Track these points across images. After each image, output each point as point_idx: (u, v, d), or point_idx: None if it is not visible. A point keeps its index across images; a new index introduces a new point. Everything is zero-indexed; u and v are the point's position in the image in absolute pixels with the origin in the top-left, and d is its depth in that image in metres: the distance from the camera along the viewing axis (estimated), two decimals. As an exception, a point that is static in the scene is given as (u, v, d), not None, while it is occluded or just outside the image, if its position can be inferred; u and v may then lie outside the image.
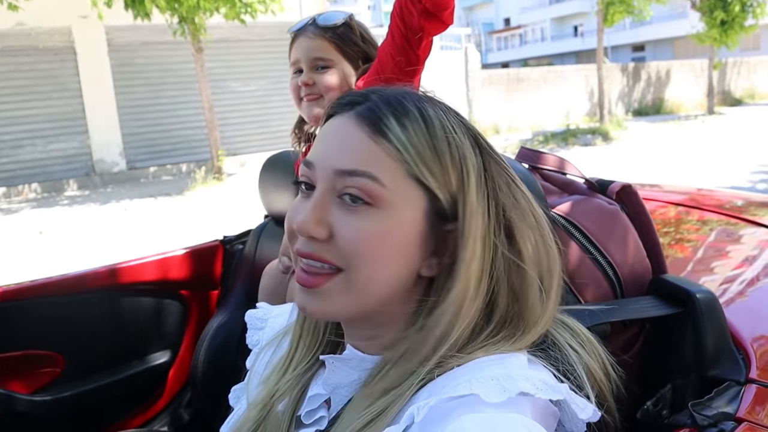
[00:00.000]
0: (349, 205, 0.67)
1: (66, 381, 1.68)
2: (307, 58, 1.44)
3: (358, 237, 0.66)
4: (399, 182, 0.67)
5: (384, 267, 0.67)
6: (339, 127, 0.71)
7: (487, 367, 0.64)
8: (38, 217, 8.96)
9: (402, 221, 0.67)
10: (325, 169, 0.69)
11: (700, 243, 1.48)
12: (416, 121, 0.69)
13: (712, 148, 11.55)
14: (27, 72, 11.69)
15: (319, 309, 0.69)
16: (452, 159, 0.69)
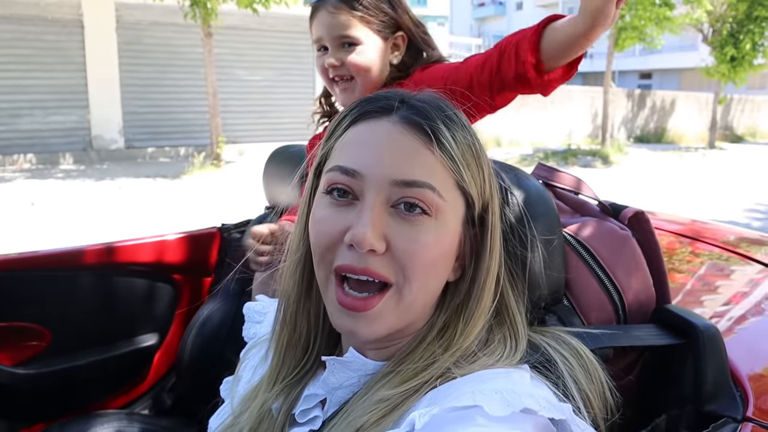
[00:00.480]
0: (405, 214, 0.66)
1: (50, 356, 1.66)
2: (331, 36, 1.28)
3: (417, 249, 0.65)
4: (450, 192, 0.68)
5: (434, 278, 0.68)
6: (386, 134, 0.68)
7: (490, 380, 0.64)
8: (31, 188, 8.90)
9: (451, 231, 0.68)
10: (379, 180, 0.66)
11: (693, 274, 1.48)
12: (463, 129, 0.70)
13: (711, 181, 11.60)
14: (32, 42, 11.62)
15: (370, 332, 0.67)
16: (487, 167, 0.72)
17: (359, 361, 0.73)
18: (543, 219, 0.84)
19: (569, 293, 0.91)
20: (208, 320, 1.74)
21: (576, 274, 0.91)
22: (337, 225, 0.67)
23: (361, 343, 0.72)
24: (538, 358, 0.71)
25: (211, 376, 1.11)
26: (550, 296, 0.86)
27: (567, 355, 0.72)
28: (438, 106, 0.71)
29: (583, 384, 0.70)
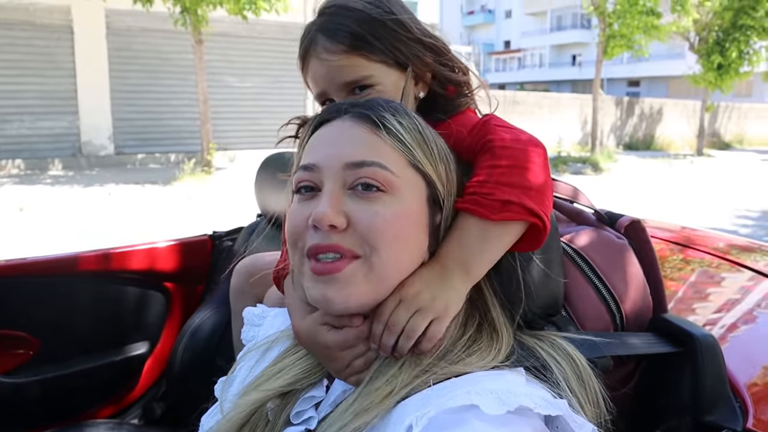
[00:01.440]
0: (363, 193, 0.71)
1: (38, 364, 1.64)
2: (335, 87, 0.95)
3: (377, 220, 0.70)
4: (403, 170, 0.73)
5: (401, 248, 0.71)
6: (338, 129, 0.76)
7: (485, 381, 0.66)
8: (20, 194, 8.82)
9: (411, 205, 0.73)
10: (333, 166, 0.73)
11: (684, 281, 1.48)
12: (408, 118, 0.77)
13: (699, 188, 11.68)
14: (21, 47, 11.55)
15: (340, 298, 0.70)
16: (439, 153, 0.77)
17: None
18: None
19: (566, 303, 0.90)
20: (200, 328, 1.72)
21: (573, 283, 0.90)
22: (303, 214, 0.73)
23: (343, 314, 0.74)
24: (533, 362, 0.72)
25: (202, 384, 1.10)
26: (549, 306, 0.85)
27: (561, 361, 0.73)
28: (384, 101, 0.79)
29: (575, 390, 0.71)
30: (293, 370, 0.79)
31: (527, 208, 0.74)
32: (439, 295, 0.72)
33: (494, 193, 0.75)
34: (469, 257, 0.75)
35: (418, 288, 0.72)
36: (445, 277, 0.74)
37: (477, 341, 0.74)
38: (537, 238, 0.78)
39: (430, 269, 0.74)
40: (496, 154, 0.79)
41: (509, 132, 0.83)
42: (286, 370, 0.79)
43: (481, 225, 0.75)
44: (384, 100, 0.80)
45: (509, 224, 0.76)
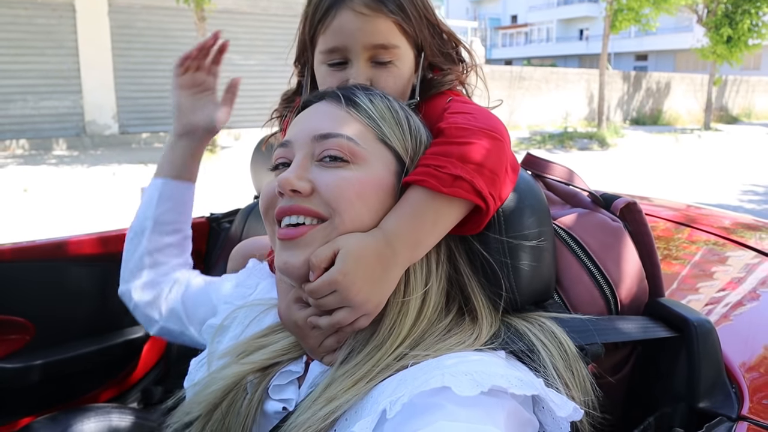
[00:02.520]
0: (329, 164, 0.74)
1: (35, 349, 1.63)
2: (362, 47, 0.89)
3: (341, 182, 0.72)
4: (371, 144, 0.76)
5: (364, 209, 0.73)
6: (313, 109, 0.81)
7: (462, 363, 0.66)
8: (24, 174, 8.83)
9: (377, 173, 0.75)
10: (302, 139, 0.76)
11: (688, 261, 1.46)
12: (380, 97, 0.81)
13: (706, 163, 11.60)
14: (23, 26, 11.48)
15: (299, 259, 0.71)
16: (410, 129, 0.80)
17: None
18: (531, 211, 0.81)
19: (559, 288, 0.88)
20: (197, 311, 1.72)
21: (566, 267, 0.88)
22: (272, 184, 0.76)
23: (297, 280, 0.74)
24: (519, 345, 0.72)
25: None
26: (540, 292, 0.83)
27: (547, 343, 0.73)
28: (363, 86, 0.84)
29: (562, 373, 0.71)
30: (276, 346, 0.81)
31: (476, 188, 0.73)
32: (374, 296, 0.71)
33: (446, 166, 0.74)
34: (416, 233, 0.73)
35: (359, 286, 0.70)
36: (389, 266, 0.72)
37: (457, 325, 0.74)
38: (478, 222, 0.77)
39: (378, 257, 0.71)
40: (451, 134, 0.78)
41: (464, 117, 0.81)
42: (270, 347, 0.81)
43: (430, 198, 0.73)
44: (363, 86, 0.84)
45: (456, 201, 0.74)
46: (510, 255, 0.79)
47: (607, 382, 0.82)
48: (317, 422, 0.65)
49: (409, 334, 0.72)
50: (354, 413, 0.66)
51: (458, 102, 0.89)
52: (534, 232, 0.80)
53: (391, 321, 0.73)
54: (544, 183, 1.05)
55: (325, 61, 0.93)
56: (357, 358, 0.71)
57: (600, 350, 0.77)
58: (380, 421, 0.61)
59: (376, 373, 0.68)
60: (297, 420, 0.68)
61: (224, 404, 0.77)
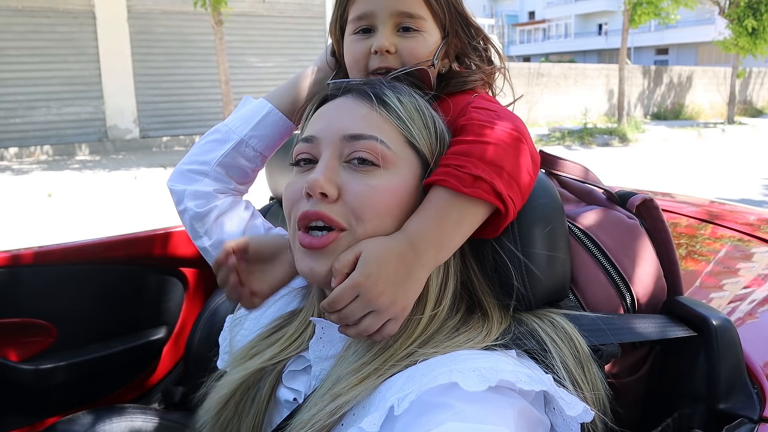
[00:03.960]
0: (358, 167, 0.72)
1: (59, 351, 1.66)
2: (389, 12, 0.92)
3: (368, 192, 0.71)
4: (400, 147, 0.75)
5: (389, 222, 0.72)
6: (340, 105, 0.78)
7: (471, 360, 0.65)
8: (48, 180, 8.96)
9: (404, 180, 0.74)
10: (330, 138, 0.74)
11: (711, 258, 1.44)
12: (409, 97, 0.79)
13: (730, 157, 11.42)
14: (45, 34, 11.65)
15: (324, 269, 0.71)
16: (435, 130, 0.79)
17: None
18: (544, 210, 0.80)
19: (574, 287, 0.87)
20: (216, 311, 1.73)
21: (581, 266, 0.87)
22: (299, 184, 0.75)
23: (323, 285, 0.76)
24: (530, 342, 0.72)
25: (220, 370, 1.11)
26: (555, 291, 0.82)
27: (558, 341, 0.72)
28: (390, 83, 0.81)
29: (573, 371, 0.70)
30: (285, 341, 0.83)
31: (496, 190, 0.72)
32: (400, 298, 0.69)
33: (466, 166, 0.73)
34: (439, 234, 0.72)
35: (382, 288, 0.68)
36: (413, 268, 0.70)
37: (466, 323, 0.74)
38: (497, 225, 0.75)
39: (400, 258, 0.70)
40: (473, 131, 0.78)
41: (486, 114, 0.81)
42: (280, 343, 0.83)
43: (452, 198, 0.73)
44: (388, 81, 0.82)
45: (478, 203, 0.73)
46: (523, 254, 0.78)
47: (625, 382, 0.81)
48: (324, 417, 0.66)
49: (422, 334, 0.72)
50: (362, 408, 0.66)
51: (482, 98, 0.90)
52: (547, 231, 0.79)
53: (405, 321, 0.72)
54: (558, 180, 1.03)
55: (353, 30, 0.96)
56: (366, 356, 0.70)
57: (616, 350, 0.76)
58: (388, 418, 0.61)
59: (385, 370, 0.68)
60: (304, 416, 0.68)
61: (237, 394, 0.79)
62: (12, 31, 11.38)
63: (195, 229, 1.13)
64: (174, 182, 1.14)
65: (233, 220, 1.13)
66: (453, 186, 0.72)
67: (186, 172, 1.13)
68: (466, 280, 0.78)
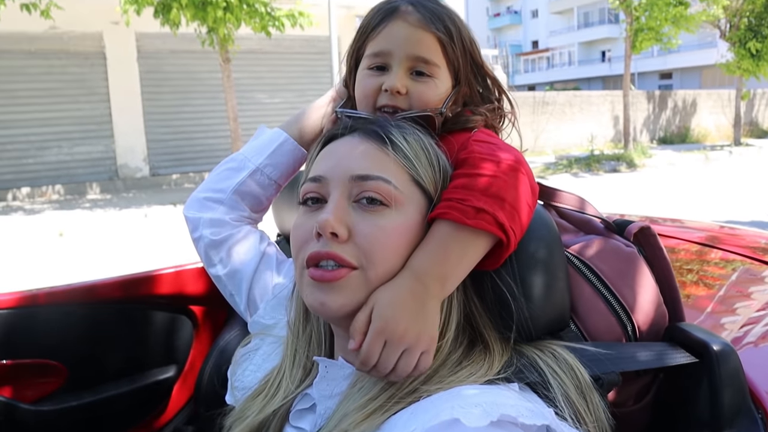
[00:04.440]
0: (367, 206, 0.74)
1: (68, 392, 1.66)
2: (406, 54, 0.94)
3: (378, 233, 0.72)
4: (406, 186, 0.76)
5: (398, 262, 0.73)
6: (346, 144, 0.79)
7: (473, 396, 0.66)
8: (59, 219, 9.04)
9: (411, 218, 0.75)
10: (339, 177, 0.76)
11: (721, 285, 1.43)
12: (414, 135, 0.81)
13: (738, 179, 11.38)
14: (57, 75, 11.89)
15: (338, 303, 0.72)
16: (439, 167, 0.80)
17: (348, 367, 0.77)
18: (542, 240, 0.82)
19: (575, 316, 0.88)
20: (225, 349, 1.73)
21: (581, 295, 0.88)
22: (308, 224, 0.75)
23: (335, 319, 0.77)
24: (532, 374, 0.72)
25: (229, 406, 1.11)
26: (555, 321, 0.83)
27: (560, 372, 0.73)
28: (394, 122, 0.83)
29: (575, 402, 0.71)
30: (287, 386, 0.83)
31: (498, 221, 0.74)
32: (423, 330, 0.71)
33: (468, 199, 0.75)
34: (443, 266, 0.74)
35: (404, 326, 0.70)
36: (425, 300, 0.72)
37: (468, 357, 0.74)
38: (499, 256, 0.77)
39: (412, 294, 0.72)
40: (473, 164, 0.80)
41: (487, 147, 0.83)
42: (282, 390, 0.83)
43: (455, 231, 0.74)
44: (393, 120, 0.84)
45: (481, 234, 0.75)
46: (522, 285, 0.79)
47: (630, 410, 0.81)
48: None
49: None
50: None
51: (482, 132, 0.93)
52: (546, 261, 0.81)
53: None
54: (556, 211, 1.05)
55: (368, 66, 0.99)
56: (371, 393, 0.71)
57: (617, 379, 0.77)
58: None
59: (389, 407, 0.68)
60: None
61: None
62: (25, 73, 11.62)
63: (210, 257, 1.16)
64: (189, 210, 1.18)
65: (248, 249, 1.15)
66: (456, 218, 0.74)
67: (202, 200, 1.17)
68: (468, 313, 0.79)
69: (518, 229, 0.77)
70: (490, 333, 0.78)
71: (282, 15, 9.72)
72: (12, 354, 1.59)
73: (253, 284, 1.15)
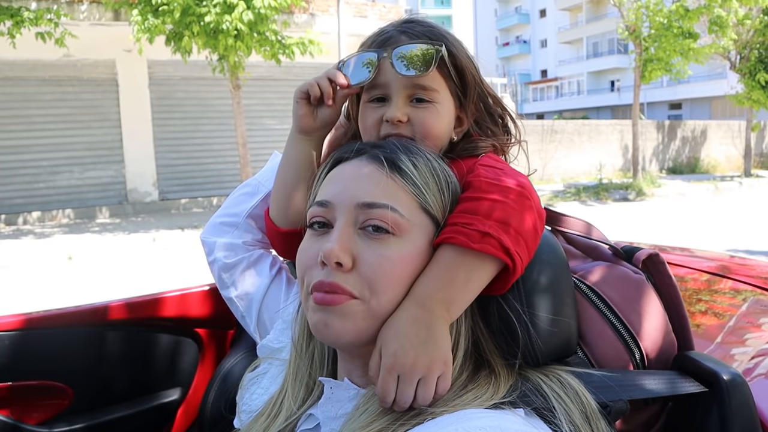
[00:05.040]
0: (372, 234, 0.73)
1: (73, 414, 1.66)
2: (402, 84, 0.95)
3: (383, 263, 0.72)
4: (414, 213, 0.75)
5: (401, 291, 0.73)
6: (354, 169, 0.78)
7: (478, 419, 0.65)
8: (69, 243, 9.09)
9: (417, 246, 0.74)
10: (345, 204, 0.75)
11: (731, 315, 1.42)
12: (424, 160, 0.79)
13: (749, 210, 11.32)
14: (71, 101, 12.05)
15: (339, 327, 0.72)
16: (449, 191, 0.80)
17: (353, 388, 0.77)
18: (549, 266, 0.81)
19: (582, 343, 0.87)
20: (230, 373, 1.72)
21: (588, 322, 0.87)
22: (313, 250, 0.75)
23: (338, 344, 0.76)
24: (537, 399, 0.71)
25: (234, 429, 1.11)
26: (561, 348, 0.82)
27: (566, 398, 0.72)
28: (404, 146, 0.81)
29: (580, 429, 0.70)
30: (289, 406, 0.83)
31: (504, 245, 0.73)
32: (435, 354, 0.71)
33: (473, 223, 0.75)
34: (447, 290, 0.73)
35: (413, 357, 0.70)
36: (431, 324, 0.72)
37: (473, 380, 0.74)
38: (505, 281, 0.76)
39: (415, 322, 0.72)
40: (480, 188, 0.80)
41: (493, 171, 0.83)
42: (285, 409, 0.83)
43: (460, 255, 0.74)
44: (401, 142, 0.83)
45: (486, 259, 0.74)
46: (529, 311, 0.78)
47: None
48: None
49: None
50: None
51: (489, 157, 0.93)
52: (553, 287, 0.80)
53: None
54: (564, 237, 1.04)
55: (368, 99, 0.99)
56: (375, 415, 0.71)
57: (625, 407, 0.76)
58: None
59: (394, 429, 0.68)
60: None
61: None
62: (39, 100, 11.78)
63: (223, 279, 1.19)
64: (206, 234, 1.22)
65: (259, 272, 1.18)
66: (461, 242, 0.73)
67: (218, 224, 1.20)
68: (475, 338, 0.79)
69: (524, 254, 0.76)
70: (495, 359, 0.77)
71: (292, 43, 9.84)
72: (18, 375, 1.59)
73: (262, 307, 1.18)
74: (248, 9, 8.86)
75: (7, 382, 1.57)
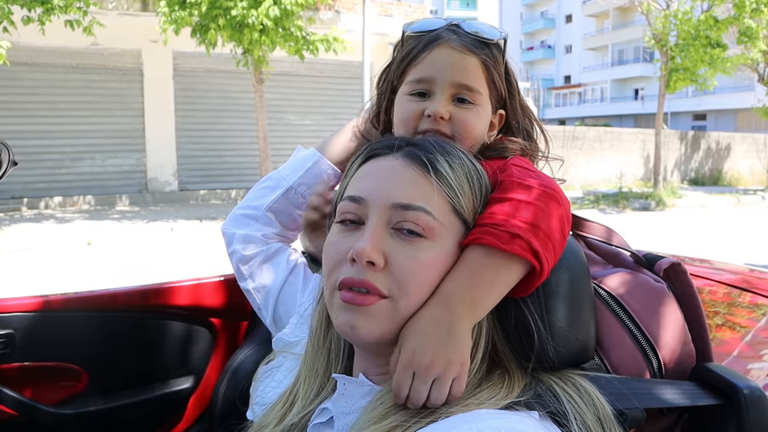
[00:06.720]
0: (405, 236, 0.72)
1: (87, 397, 1.68)
2: (450, 82, 0.96)
3: (414, 265, 0.71)
4: (447, 217, 0.74)
5: (428, 291, 0.73)
6: (389, 166, 0.77)
7: (491, 419, 0.65)
8: (89, 228, 9.19)
9: (448, 249, 0.74)
10: (380, 203, 0.74)
11: (750, 328, 1.40)
12: (460, 162, 0.78)
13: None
14: (96, 89, 12.18)
15: (366, 328, 0.71)
16: (481, 192, 0.79)
17: (368, 385, 0.76)
18: (570, 271, 0.80)
19: (600, 349, 0.86)
20: (242, 365, 1.73)
21: (607, 328, 0.86)
22: (343, 245, 0.74)
23: (362, 344, 0.76)
24: (552, 403, 0.71)
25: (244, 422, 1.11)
26: (578, 353, 0.81)
27: (580, 402, 0.71)
28: (440, 145, 0.79)
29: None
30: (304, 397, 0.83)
31: (533, 248, 0.73)
32: (452, 356, 0.70)
33: (504, 224, 0.74)
34: (472, 290, 0.73)
35: (431, 356, 0.70)
36: (452, 326, 0.71)
37: (488, 379, 0.74)
38: (529, 284, 0.76)
39: (436, 322, 0.71)
40: (510, 188, 0.79)
41: (524, 172, 0.83)
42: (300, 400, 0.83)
43: (489, 255, 0.74)
44: (437, 141, 0.81)
45: (514, 260, 0.74)
46: (547, 315, 0.78)
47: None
48: None
49: None
50: None
51: (519, 159, 0.94)
52: (572, 293, 0.79)
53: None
54: (585, 242, 1.03)
55: (409, 91, 1.00)
56: (389, 410, 0.70)
57: (641, 416, 0.75)
58: None
59: (408, 426, 0.68)
60: None
61: None
62: (65, 87, 11.93)
63: (241, 271, 1.21)
64: (227, 226, 1.23)
65: (276, 265, 1.19)
66: (490, 242, 0.73)
67: (239, 216, 1.22)
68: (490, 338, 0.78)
69: (551, 257, 0.76)
70: (510, 360, 0.77)
71: (317, 40, 9.86)
72: (36, 356, 1.61)
73: (279, 300, 1.19)
74: (275, 4, 8.89)
75: (25, 362, 1.59)
